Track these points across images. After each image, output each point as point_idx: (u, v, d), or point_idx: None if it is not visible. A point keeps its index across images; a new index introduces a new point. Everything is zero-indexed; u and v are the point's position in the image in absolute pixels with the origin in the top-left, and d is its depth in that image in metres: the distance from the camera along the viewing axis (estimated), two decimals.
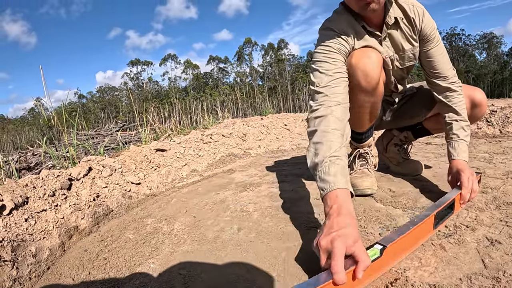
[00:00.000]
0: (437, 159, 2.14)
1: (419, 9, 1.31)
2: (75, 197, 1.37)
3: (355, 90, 1.24)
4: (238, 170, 2.18)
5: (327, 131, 1.01)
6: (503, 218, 1.14)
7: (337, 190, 0.90)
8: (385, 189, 1.52)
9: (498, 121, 3.17)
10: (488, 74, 38.46)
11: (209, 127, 6.55)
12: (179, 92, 47.26)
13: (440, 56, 1.35)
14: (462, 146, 1.34)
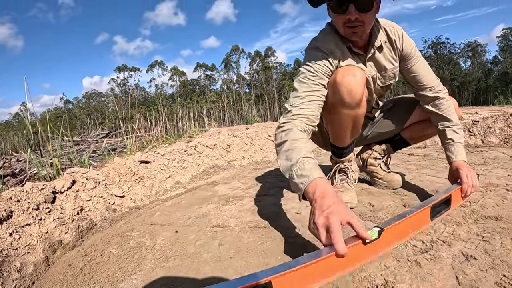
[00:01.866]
0: (418, 170, 2.21)
1: (399, 30, 1.43)
2: (59, 210, 1.39)
3: (339, 106, 1.33)
4: (221, 183, 2.22)
5: (295, 139, 1.11)
6: (480, 232, 1.20)
7: (316, 179, 0.97)
8: (365, 203, 1.59)
9: (480, 131, 3.28)
10: (472, 82, 39.46)
11: (194, 136, 6.57)
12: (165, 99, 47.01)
13: (423, 70, 1.47)
14: (458, 148, 1.45)
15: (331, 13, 1.29)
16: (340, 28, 1.28)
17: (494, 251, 1.07)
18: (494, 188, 1.68)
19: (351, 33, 1.26)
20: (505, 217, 1.31)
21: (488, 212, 1.38)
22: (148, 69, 49.24)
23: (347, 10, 1.20)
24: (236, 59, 48.60)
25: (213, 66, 49.94)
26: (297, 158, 1.03)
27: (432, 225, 1.30)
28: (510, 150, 2.74)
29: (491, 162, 2.33)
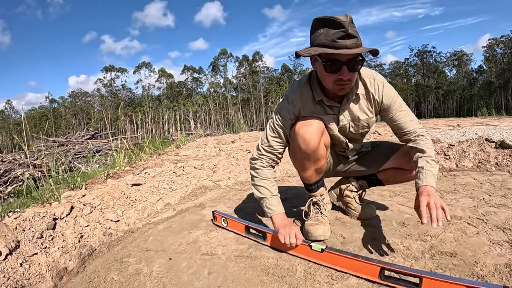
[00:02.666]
0: (391, 198, 2.41)
1: (379, 83, 1.57)
2: (61, 237, 1.54)
3: (298, 152, 1.58)
4: (208, 205, 2.39)
5: (264, 178, 1.66)
6: (434, 268, 1.40)
7: (278, 214, 1.62)
8: (337, 234, 1.77)
9: (455, 155, 3.48)
10: (457, 91, 40.29)
11: (181, 146, 6.69)
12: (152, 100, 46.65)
13: (404, 117, 1.61)
14: (427, 175, 1.48)
15: (322, 71, 1.42)
16: (329, 84, 1.43)
17: None
18: (457, 221, 1.87)
19: (339, 89, 1.43)
20: (460, 253, 1.50)
21: (446, 247, 1.56)
22: (135, 70, 48.87)
23: (340, 70, 1.36)
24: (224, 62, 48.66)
25: (201, 69, 49.93)
26: (267, 195, 1.63)
27: (393, 258, 1.50)
28: (482, 175, 2.96)
29: (461, 189, 2.53)
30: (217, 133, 17.62)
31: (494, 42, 39.18)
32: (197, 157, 4.86)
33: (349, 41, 1.28)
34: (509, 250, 1.51)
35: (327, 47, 1.31)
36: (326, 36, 1.31)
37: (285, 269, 1.45)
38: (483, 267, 1.38)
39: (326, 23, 1.32)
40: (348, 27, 1.27)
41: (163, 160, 4.56)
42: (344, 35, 1.28)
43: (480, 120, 11.69)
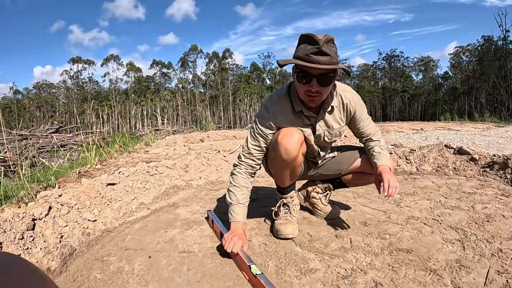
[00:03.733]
0: (354, 199, 2.58)
1: (354, 96, 1.80)
2: (41, 238, 1.56)
3: (278, 160, 1.71)
4: (181, 205, 2.46)
5: (237, 186, 1.75)
6: (392, 263, 1.55)
7: (238, 221, 1.69)
8: (304, 233, 1.91)
9: (416, 159, 3.72)
10: (422, 95, 41.58)
11: (151, 144, 6.65)
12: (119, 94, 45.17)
13: (367, 126, 1.87)
14: (381, 156, 1.81)
15: (296, 81, 1.60)
16: (301, 94, 1.61)
17: (398, 279, 1.42)
18: (414, 221, 2.06)
19: (309, 100, 1.60)
20: (415, 250, 1.67)
21: (403, 245, 1.74)
22: (103, 63, 47.06)
23: (310, 82, 1.52)
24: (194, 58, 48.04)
25: (170, 64, 48.98)
26: (234, 201, 1.73)
27: (355, 254, 1.66)
28: (440, 179, 3.20)
29: (420, 192, 2.74)
30: (185, 130, 17.52)
31: (461, 50, 40.87)
32: (167, 156, 4.88)
33: (322, 58, 1.44)
34: (460, 248, 1.70)
35: (300, 59, 1.47)
36: (303, 50, 1.47)
37: (258, 264, 1.56)
38: (435, 262, 1.55)
39: (307, 39, 1.48)
40: (322, 45, 1.43)
41: (134, 158, 4.54)
42: (317, 52, 1.44)
43: (443, 124, 12.37)
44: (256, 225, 2.05)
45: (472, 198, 2.52)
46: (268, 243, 1.80)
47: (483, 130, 8.69)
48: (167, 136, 8.36)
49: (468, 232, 1.88)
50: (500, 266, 1.50)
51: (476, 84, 34.28)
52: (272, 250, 1.72)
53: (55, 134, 11.87)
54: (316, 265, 1.56)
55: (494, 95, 29.44)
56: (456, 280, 1.40)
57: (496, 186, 2.85)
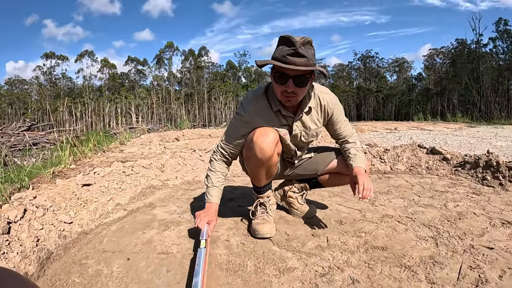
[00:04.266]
0: (330, 198, 2.63)
1: (332, 98, 1.84)
2: (17, 242, 1.50)
3: (253, 159, 1.73)
4: (158, 205, 2.43)
5: (213, 170, 1.85)
6: (368, 260, 1.60)
7: (211, 202, 1.79)
8: (281, 232, 1.93)
9: (390, 159, 3.83)
10: (396, 95, 42.52)
11: (125, 142, 6.52)
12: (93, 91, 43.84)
13: (344, 128, 1.92)
14: (356, 158, 1.86)
15: (273, 81, 1.62)
16: (278, 94, 1.63)
17: (374, 276, 1.47)
18: (388, 219, 2.12)
19: (285, 100, 1.63)
20: (390, 247, 1.73)
21: (378, 242, 1.79)
22: (77, 59, 45.53)
23: (286, 83, 1.54)
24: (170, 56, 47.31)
25: (145, 61, 48.03)
26: (210, 183, 1.82)
27: (332, 252, 1.69)
28: (413, 178, 3.30)
29: (394, 190, 2.82)
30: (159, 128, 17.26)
31: (435, 52, 42.03)
32: (142, 155, 4.80)
33: (298, 59, 1.47)
34: (433, 244, 1.77)
35: (277, 60, 1.50)
36: (280, 52, 1.50)
37: (236, 264, 1.57)
38: (410, 259, 1.61)
39: (284, 41, 1.51)
40: (299, 47, 1.46)
41: (109, 157, 4.44)
42: (293, 53, 1.47)
43: (416, 124, 12.76)
44: (234, 225, 2.05)
45: (444, 196, 2.62)
46: (246, 242, 1.80)
47: (455, 130, 9.03)
48: (142, 135, 8.22)
49: (441, 229, 1.96)
50: (472, 261, 1.57)
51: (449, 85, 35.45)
52: (250, 249, 1.73)
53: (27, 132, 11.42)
54: (294, 264, 1.58)
55: (466, 96, 30.60)
56: (430, 275, 1.46)
57: (468, 184, 2.98)
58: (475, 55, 30.40)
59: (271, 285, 1.42)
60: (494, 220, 2.09)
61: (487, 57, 30.94)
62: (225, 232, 1.93)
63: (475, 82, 28.92)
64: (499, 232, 1.92)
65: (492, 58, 31.39)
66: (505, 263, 1.55)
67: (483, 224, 2.04)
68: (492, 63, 31.07)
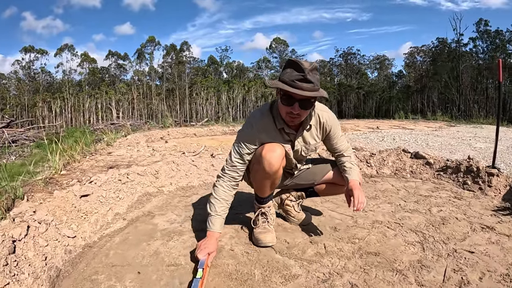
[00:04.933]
0: (322, 204, 2.75)
1: (331, 115, 1.97)
2: (25, 261, 1.50)
3: (261, 172, 1.84)
4: (157, 214, 2.49)
5: (217, 198, 1.87)
6: (363, 265, 1.74)
7: (213, 231, 1.82)
8: (281, 240, 2.04)
9: (375, 163, 4.00)
10: (377, 92, 43.01)
11: (112, 143, 6.48)
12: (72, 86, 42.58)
13: (341, 143, 2.05)
14: (351, 171, 1.99)
15: (279, 102, 1.74)
16: (283, 114, 1.76)
17: (370, 280, 1.61)
18: (378, 225, 2.27)
19: (290, 120, 1.76)
20: (382, 253, 1.87)
21: (371, 248, 1.93)
22: (56, 53, 44.00)
23: (292, 105, 1.67)
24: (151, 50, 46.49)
25: (126, 56, 47.04)
26: (213, 211, 1.85)
27: (330, 258, 1.80)
28: (398, 181, 3.47)
29: (381, 195, 2.96)
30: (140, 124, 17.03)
31: (415, 50, 42.65)
32: (132, 158, 4.81)
33: (305, 85, 1.60)
34: (420, 249, 1.92)
35: (286, 84, 1.62)
36: (289, 76, 1.62)
37: (244, 273, 1.67)
38: (400, 263, 1.75)
39: (293, 65, 1.63)
40: (307, 74, 1.59)
41: (98, 161, 4.43)
42: (302, 79, 1.59)
43: (397, 123, 13.06)
44: (235, 234, 2.14)
45: (428, 201, 2.79)
46: (249, 251, 1.90)
47: (435, 129, 9.32)
48: (128, 135, 8.15)
49: (426, 234, 2.11)
50: (455, 265, 1.74)
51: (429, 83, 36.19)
52: (254, 258, 1.83)
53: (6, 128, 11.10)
54: (297, 271, 1.69)
55: (446, 94, 31.43)
56: (419, 278, 1.61)
57: (449, 188, 3.16)
58: (455, 54, 31.25)
59: None
60: (475, 224, 2.26)
61: (467, 56, 31.88)
62: (228, 241, 2.03)
63: (454, 80, 29.75)
64: (479, 236, 2.09)
65: (472, 58, 32.36)
66: (484, 266, 1.72)
67: (465, 229, 2.21)
68: (472, 62, 32.03)
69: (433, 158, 3.75)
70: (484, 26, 31.25)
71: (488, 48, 31.13)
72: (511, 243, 1.98)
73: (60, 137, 5.29)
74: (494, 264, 1.74)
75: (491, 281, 1.59)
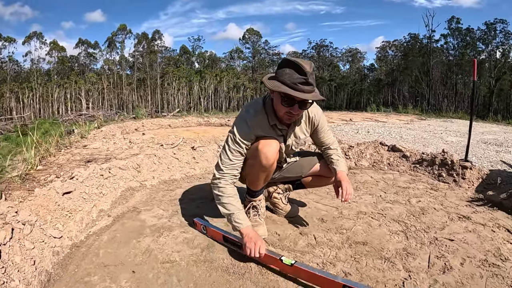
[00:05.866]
0: (306, 196, 2.82)
1: (319, 110, 2.02)
2: (13, 267, 1.41)
3: (257, 165, 1.87)
4: (143, 209, 2.45)
5: (229, 195, 1.84)
6: (353, 255, 1.82)
7: (246, 227, 1.77)
8: (272, 232, 2.08)
9: (354, 155, 4.11)
10: (349, 84, 43.51)
11: (86, 135, 6.28)
12: (41, 76, 40.52)
13: (327, 136, 2.10)
14: (338, 162, 2.06)
15: (278, 102, 1.76)
16: (280, 113, 1.80)
17: (361, 268, 1.68)
18: (363, 215, 2.35)
19: (287, 119, 1.81)
20: (369, 242, 1.95)
21: (358, 238, 2.01)
22: (25, 41, 41.50)
23: (292, 106, 1.71)
24: (122, 39, 44.95)
25: (96, 44, 45.23)
26: (234, 210, 1.80)
27: (321, 249, 1.85)
28: (376, 173, 3.59)
29: (362, 187, 3.06)
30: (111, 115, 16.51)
31: (387, 45, 43.22)
32: (109, 151, 4.68)
33: (306, 87, 1.65)
34: (404, 238, 2.02)
35: (288, 87, 1.64)
36: (290, 78, 1.65)
37: (241, 267, 1.69)
38: (387, 252, 1.85)
39: (293, 66, 1.65)
40: (309, 77, 1.63)
41: (74, 155, 4.29)
42: (304, 82, 1.64)
43: (370, 115, 13.37)
44: (225, 227, 2.13)
45: (407, 192, 2.91)
46: None
47: (407, 122, 9.61)
48: (102, 127, 7.92)
49: (408, 224, 2.22)
50: (438, 252, 1.85)
51: (400, 77, 37.03)
52: None
53: None
54: None
55: (416, 88, 32.37)
56: (406, 265, 1.71)
57: (426, 180, 3.31)
58: (427, 50, 32.11)
59: (278, 284, 1.57)
60: (452, 214, 2.39)
61: (438, 52, 32.87)
62: None
63: (425, 75, 30.70)
64: (456, 225, 2.22)
65: (443, 54, 33.36)
66: (464, 253, 1.84)
67: (443, 218, 2.33)
68: (442, 58, 33.05)
69: (409, 151, 3.90)
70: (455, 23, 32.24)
71: (458, 45, 32.16)
72: (486, 231, 2.13)
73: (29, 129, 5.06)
74: (472, 251, 1.86)
75: (472, 266, 1.71)
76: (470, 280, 1.59)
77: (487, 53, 30.72)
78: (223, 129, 8.25)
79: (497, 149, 4.82)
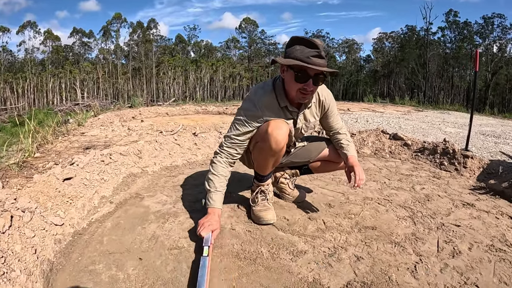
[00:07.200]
0: (311, 182, 2.80)
1: (329, 93, 1.99)
2: (14, 256, 1.35)
3: (267, 149, 1.81)
4: (146, 196, 2.40)
5: (216, 174, 1.83)
6: (363, 239, 1.80)
7: (214, 208, 1.76)
8: (281, 217, 2.05)
9: (356, 142, 4.10)
10: (345, 75, 43.68)
11: (83, 123, 6.18)
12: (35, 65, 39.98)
13: (336, 121, 2.08)
14: (349, 147, 2.04)
15: (291, 79, 1.70)
16: (293, 92, 1.74)
17: (373, 252, 1.67)
18: (369, 201, 2.35)
19: (301, 97, 1.74)
20: (378, 227, 1.95)
21: (367, 223, 2.00)
22: (19, 30, 40.90)
23: (306, 81, 1.65)
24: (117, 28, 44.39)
25: (91, 33, 44.66)
26: (212, 187, 1.80)
27: (331, 233, 1.84)
28: (379, 161, 3.58)
29: (366, 173, 3.02)
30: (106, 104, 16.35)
31: (384, 36, 43.23)
32: (107, 138, 4.61)
33: (319, 60, 1.61)
34: (412, 223, 2.01)
35: (301, 61, 1.60)
36: (302, 53, 1.60)
37: (252, 252, 1.66)
38: (397, 236, 1.84)
39: (304, 42, 1.62)
40: (321, 50, 1.60)
41: (72, 142, 4.22)
42: (317, 55, 1.59)
43: (367, 106, 13.33)
44: (233, 213, 2.13)
45: (410, 179, 2.92)
46: (251, 230, 1.90)
47: (404, 113, 9.57)
48: (100, 115, 7.82)
49: (414, 210, 2.22)
50: (446, 237, 1.85)
51: (396, 68, 37.05)
52: (258, 236, 1.82)
53: None
54: (303, 247, 1.72)
55: (412, 80, 32.42)
56: (416, 249, 1.71)
57: (428, 169, 3.32)
58: (424, 42, 32.09)
59: (291, 268, 1.54)
60: (456, 201, 2.40)
61: (435, 45, 32.89)
62: (227, 221, 2.01)
63: (421, 67, 30.70)
64: (461, 212, 2.22)
65: (440, 46, 33.37)
66: (471, 238, 1.84)
67: (448, 205, 2.33)
68: (439, 51, 33.04)
69: (411, 140, 3.90)
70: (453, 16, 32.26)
71: (455, 38, 32.28)
72: (490, 218, 2.13)
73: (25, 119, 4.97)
74: (479, 236, 1.86)
75: (480, 250, 1.71)
76: (479, 264, 1.59)
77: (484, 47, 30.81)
78: (222, 117, 8.18)
79: (496, 141, 4.83)
